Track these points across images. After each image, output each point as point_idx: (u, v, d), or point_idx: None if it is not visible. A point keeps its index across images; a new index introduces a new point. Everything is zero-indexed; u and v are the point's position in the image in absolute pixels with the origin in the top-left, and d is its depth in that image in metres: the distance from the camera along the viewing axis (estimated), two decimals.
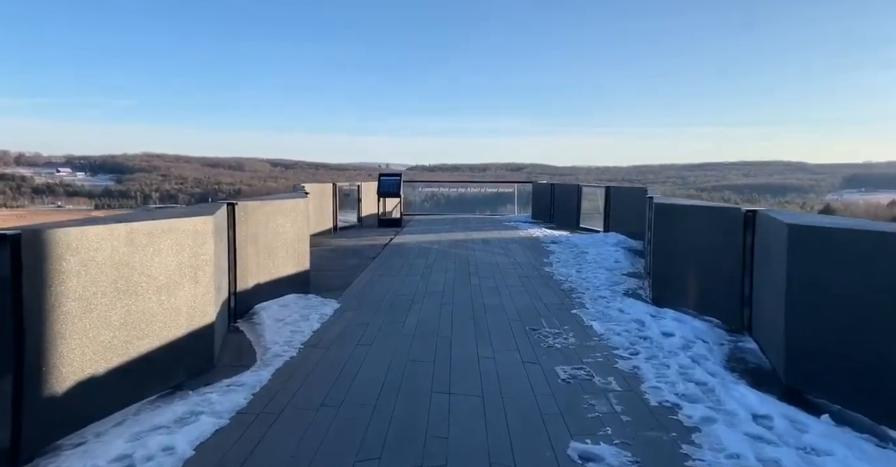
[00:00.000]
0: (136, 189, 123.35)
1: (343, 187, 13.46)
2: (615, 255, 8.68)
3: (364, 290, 6.28)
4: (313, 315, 5.04)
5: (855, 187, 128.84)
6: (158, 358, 3.20)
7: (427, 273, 7.31)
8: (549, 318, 5.09)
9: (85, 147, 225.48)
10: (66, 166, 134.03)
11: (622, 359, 3.94)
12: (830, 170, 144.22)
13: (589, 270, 7.49)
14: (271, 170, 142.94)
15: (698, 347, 4.08)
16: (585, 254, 8.94)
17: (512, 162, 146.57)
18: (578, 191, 13.15)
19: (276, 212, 5.60)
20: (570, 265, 7.97)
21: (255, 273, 5.23)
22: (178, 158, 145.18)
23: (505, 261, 8.40)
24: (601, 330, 4.67)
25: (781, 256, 3.51)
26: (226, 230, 4.71)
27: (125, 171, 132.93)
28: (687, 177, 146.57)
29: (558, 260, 8.47)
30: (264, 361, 3.82)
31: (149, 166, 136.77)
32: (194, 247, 3.52)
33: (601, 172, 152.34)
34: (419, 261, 8.31)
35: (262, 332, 4.47)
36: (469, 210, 18.26)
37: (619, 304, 5.49)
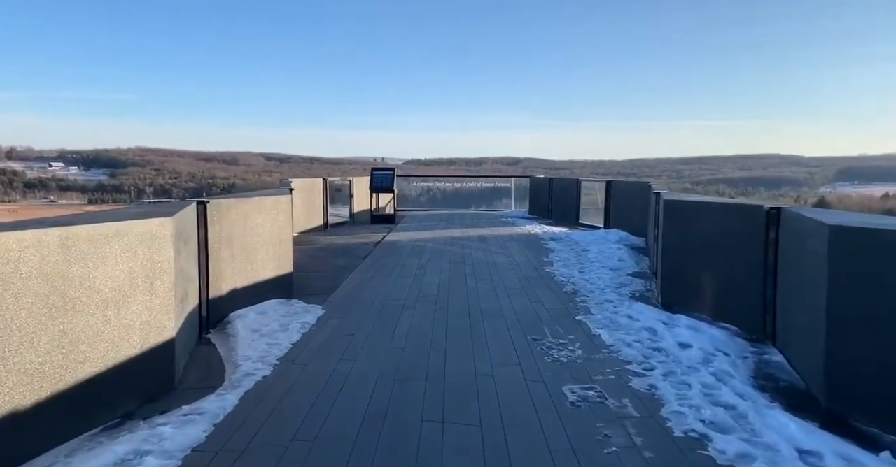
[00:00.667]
0: (130, 183, 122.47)
1: (334, 182, 12.98)
2: (618, 254, 8.25)
3: (352, 294, 5.83)
4: (294, 324, 4.59)
5: (848, 180, 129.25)
6: (104, 383, 2.75)
7: (420, 274, 6.87)
8: (552, 326, 4.66)
9: (78, 141, 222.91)
10: (59, 160, 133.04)
11: (636, 376, 3.51)
12: (824, 163, 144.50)
13: (592, 270, 7.06)
14: (266, 165, 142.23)
15: (720, 361, 3.66)
16: (587, 253, 8.51)
17: (508, 156, 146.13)
18: (578, 185, 12.72)
19: (254, 210, 5.14)
20: (572, 264, 7.54)
21: (230, 278, 4.78)
22: (171, 153, 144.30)
23: (503, 260, 7.97)
24: (610, 340, 4.24)
25: (820, 261, 3.09)
26: (195, 231, 4.25)
27: (118, 166, 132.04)
28: (682, 170, 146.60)
29: (559, 259, 8.04)
30: (233, 382, 3.37)
31: (142, 161, 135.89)
32: (149, 254, 3.06)
33: (596, 166, 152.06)
34: (412, 260, 7.87)
35: (235, 345, 4.02)
36: (465, 205, 17.82)
37: (628, 310, 5.06)
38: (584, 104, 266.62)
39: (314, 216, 11.24)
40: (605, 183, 11.60)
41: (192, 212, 4.11)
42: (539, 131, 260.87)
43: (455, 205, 17.82)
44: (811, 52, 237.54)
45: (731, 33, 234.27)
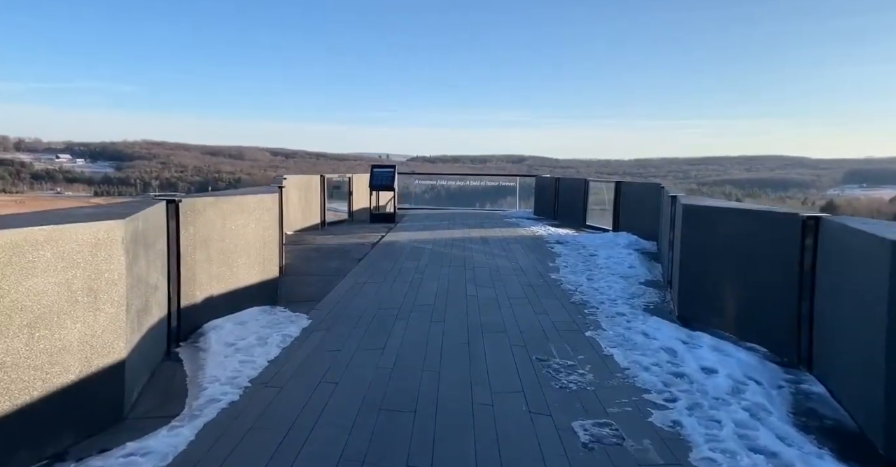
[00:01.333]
0: (136, 176, 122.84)
1: (332, 179, 12.54)
2: (629, 260, 7.78)
3: (342, 302, 5.39)
4: (274, 337, 4.15)
5: (856, 182, 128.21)
6: (28, 417, 2.32)
7: (418, 280, 6.42)
8: (559, 343, 4.21)
9: (85, 133, 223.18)
10: (66, 152, 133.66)
11: (657, 409, 3.06)
12: (832, 165, 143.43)
13: (601, 278, 6.60)
14: (271, 160, 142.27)
15: (752, 392, 3.20)
16: (595, 258, 8.05)
17: (513, 154, 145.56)
18: (585, 186, 12.24)
19: (234, 210, 4.70)
20: (580, 271, 7.07)
21: (205, 284, 4.34)
22: (177, 146, 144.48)
23: (506, 264, 7.51)
24: (625, 362, 3.79)
25: (878, 281, 2.63)
26: (164, 234, 3.81)
27: (125, 159, 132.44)
28: (688, 171, 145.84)
29: (565, 264, 7.58)
30: (193, 410, 2.93)
31: (148, 154, 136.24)
32: (94, 263, 2.62)
33: (602, 166, 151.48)
34: (410, 263, 7.42)
35: (205, 363, 3.58)
36: (468, 203, 17.37)
37: (643, 325, 4.60)
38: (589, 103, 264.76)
39: (311, 214, 10.81)
40: (615, 184, 11.13)
41: (159, 213, 3.67)
42: (544, 130, 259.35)
43: (459, 203, 17.37)
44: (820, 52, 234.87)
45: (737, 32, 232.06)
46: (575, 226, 11.98)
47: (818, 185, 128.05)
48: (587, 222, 12.07)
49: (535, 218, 13.86)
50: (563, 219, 13.02)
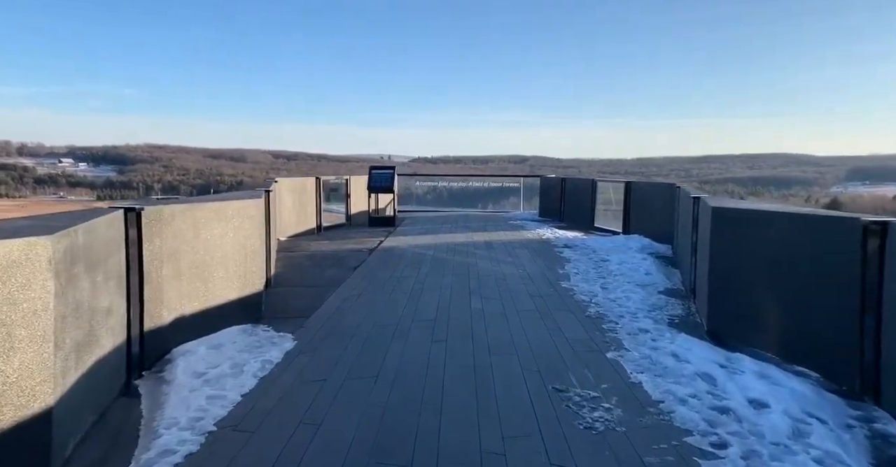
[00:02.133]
0: (139, 180, 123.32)
1: (329, 181, 12.03)
2: (644, 265, 7.24)
3: (333, 318, 4.86)
4: (252, 363, 3.63)
5: (859, 179, 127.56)
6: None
7: (418, 291, 5.89)
8: (578, 368, 3.67)
9: (87, 137, 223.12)
10: (69, 157, 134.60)
11: (705, 459, 2.52)
12: (835, 163, 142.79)
13: (617, 286, 6.06)
14: (273, 162, 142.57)
15: (819, 435, 2.66)
16: (607, 263, 7.51)
17: (515, 154, 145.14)
18: (593, 186, 11.70)
19: (210, 217, 4.18)
20: (593, 278, 6.53)
21: (175, 303, 3.82)
22: (180, 149, 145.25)
23: (513, 272, 6.98)
24: (656, 392, 3.25)
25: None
26: (120, 248, 3.30)
27: (127, 162, 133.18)
28: (690, 169, 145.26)
29: (576, 270, 7.04)
30: (140, 465, 2.41)
31: (150, 157, 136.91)
32: (5, 292, 2.10)
33: (605, 165, 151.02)
34: (410, 272, 6.89)
35: (166, 399, 3.06)
36: (471, 204, 16.86)
37: (671, 344, 4.06)
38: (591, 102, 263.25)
39: (306, 218, 10.29)
40: (624, 184, 10.58)
41: (112, 224, 3.15)
42: (546, 129, 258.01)
43: (461, 204, 16.86)
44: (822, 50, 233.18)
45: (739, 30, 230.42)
46: (583, 228, 11.44)
47: (821, 183, 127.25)
48: (595, 224, 11.53)
49: (540, 220, 13.33)
50: (569, 221, 12.49)
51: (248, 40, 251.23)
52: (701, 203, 5.38)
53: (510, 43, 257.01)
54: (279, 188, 9.37)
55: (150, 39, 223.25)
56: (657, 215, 9.59)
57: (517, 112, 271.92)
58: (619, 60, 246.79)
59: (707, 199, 5.21)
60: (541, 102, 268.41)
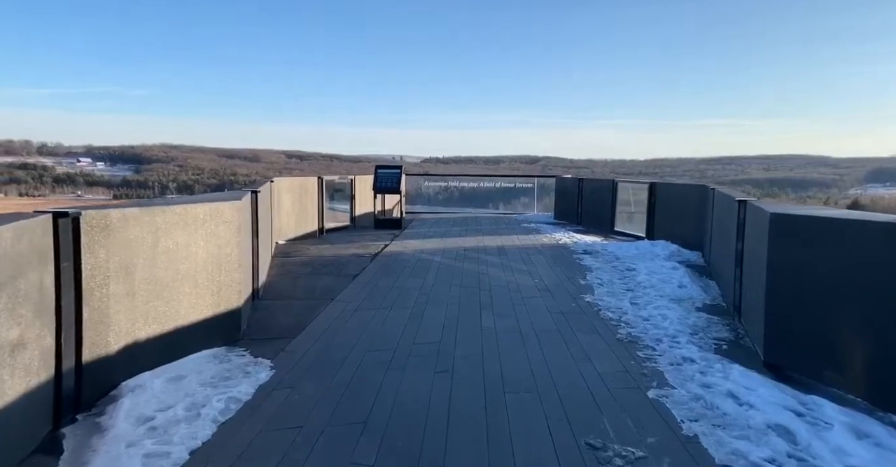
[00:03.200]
0: (154, 179, 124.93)
1: (333, 181, 11.40)
2: (675, 276, 6.50)
3: (323, 340, 4.20)
4: (214, 403, 2.97)
5: (880, 181, 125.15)
6: None
7: (421, 304, 5.21)
8: (615, 414, 2.97)
9: (105, 137, 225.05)
10: (87, 156, 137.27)
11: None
12: (854, 164, 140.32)
13: (648, 301, 5.33)
14: (286, 162, 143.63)
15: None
16: (634, 273, 6.78)
17: (526, 154, 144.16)
18: (613, 188, 10.94)
19: (173, 224, 3.53)
20: (619, 291, 5.81)
21: (125, 326, 3.17)
22: (195, 149, 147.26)
23: (528, 282, 6.27)
24: (720, 452, 2.54)
25: None
26: (49, 262, 2.65)
27: (143, 162, 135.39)
28: (705, 170, 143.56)
29: (600, 281, 6.32)
30: None
31: (166, 157, 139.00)
32: None
33: (617, 165, 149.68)
34: (413, 282, 6.22)
35: (91, 459, 2.40)
36: (483, 203, 16.16)
37: (725, 380, 3.34)
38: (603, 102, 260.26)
39: (307, 221, 9.66)
40: (648, 185, 9.82)
41: (26, 235, 2.50)
42: (558, 130, 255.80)
43: (473, 204, 16.19)
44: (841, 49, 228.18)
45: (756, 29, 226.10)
46: (602, 232, 10.70)
47: (840, 185, 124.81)
48: (616, 228, 10.78)
49: (556, 223, 12.60)
50: (588, 225, 11.75)
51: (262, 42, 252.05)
52: (749, 207, 4.65)
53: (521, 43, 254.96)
54: (277, 189, 8.75)
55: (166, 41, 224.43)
56: (685, 219, 8.84)
57: (529, 112, 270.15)
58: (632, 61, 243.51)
59: (759, 204, 4.47)
60: (552, 103, 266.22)
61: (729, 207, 5.59)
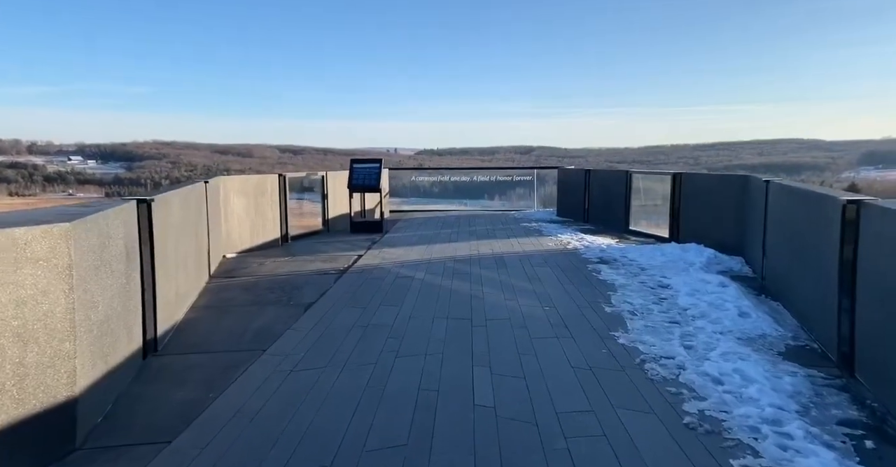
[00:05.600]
0: (146, 177, 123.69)
1: (298, 179, 9.80)
2: (727, 296, 4.97)
3: (222, 441, 2.63)
4: None
5: (872, 164, 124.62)
6: None
7: (388, 358, 3.66)
8: None
9: (96, 135, 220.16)
10: (78, 154, 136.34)
11: None
12: (847, 148, 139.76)
13: (708, 344, 3.79)
14: (280, 157, 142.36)
15: None
16: (671, 292, 5.25)
17: (521, 145, 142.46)
18: (627, 180, 9.38)
19: None
20: (662, 325, 4.27)
21: None
22: (187, 145, 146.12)
23: (537, 311, 4.74)
24: None
25: None
26: None
27: (135, 159, 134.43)
28: (699, 157, 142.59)
29: (631, 307, 4.79)
30: None
31: (158, 154, 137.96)
32: None
33: (612, 154, 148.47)
34: (385, 314, 4.66)
35: None
36: (478, 195, 14.60)
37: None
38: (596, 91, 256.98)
39: (265, 227, 8.07)
40: (672, 176, 8.27)
41: None
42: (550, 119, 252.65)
43: (467, 196, 14.65)
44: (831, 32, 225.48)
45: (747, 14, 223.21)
46: (615, 232, 9.16)
47: (833, 168, 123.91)
48: (631, 227, 9.24)
49: (559, 221, 11.04)
50: (597, 223, 10.19)
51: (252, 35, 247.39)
52: (871, 211, 3.11)
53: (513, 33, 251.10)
54: (224, 190, 7.16)
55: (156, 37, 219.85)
56: (721, 218, 7.31)
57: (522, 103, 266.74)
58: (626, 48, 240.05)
59: (887, 205, 2.92)
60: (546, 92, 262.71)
61: (814, 208, 4.05)
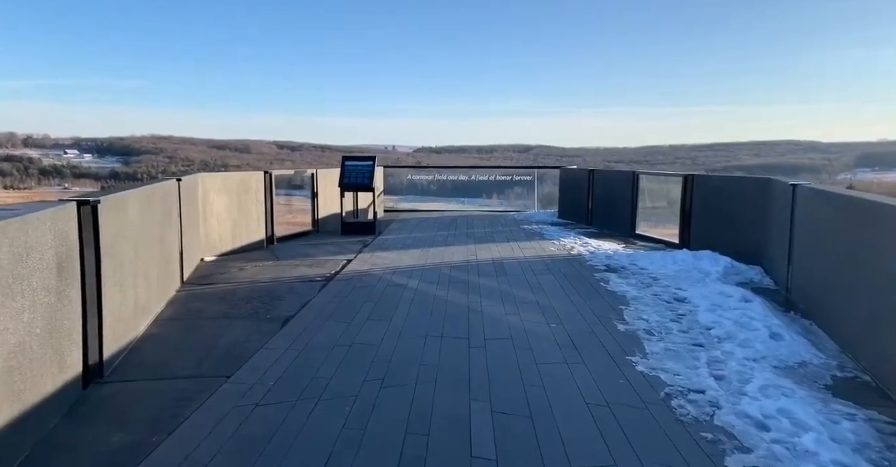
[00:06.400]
0: (143, 171, 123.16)
1: (286, 177, 9.27)
2: (752, 313, 4.47)
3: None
4: None
5: (869, 166, 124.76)
6: None
7: (372, 389, 3.13)
8: None
9: (92, 129, 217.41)
10: (74, 148, 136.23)
11: None
12: (844, 149, 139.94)
13: (742, 375, 3.29)
14: (278, 153, 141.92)
15: None
16: (689, 307, 4.76)
17: (518, 143, 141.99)
18: (634, 181, 8.87)
19: None
20: (684, 349, 3.77)
21: None
22: (184, 140, 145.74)
23: (541, 328, 4.23)
24: None
25: None
26: None
27: (132, 153, 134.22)
28: (697, 157, 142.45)
29: (646, 324, 4.29)
30: None
31: (155, 148, 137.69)
32: None
33: (610, 153, 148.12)
34: (372, 331, 4.14)
35: None
36: (476, 193, 14.11)
37: None
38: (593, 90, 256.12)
39: (250, 228, 7.53)
40: (683, 178, 7.76)
41: None
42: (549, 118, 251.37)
43: (465, 194, 14.18)
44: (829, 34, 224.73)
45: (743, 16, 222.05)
46: (620, 236, 8.66)
47: (829, 170, 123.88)
48: (637, 230, 8.75)
49: (561, 223, 10.54)
50: (601, 226, 9.69)
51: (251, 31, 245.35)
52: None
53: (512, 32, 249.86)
54: (203, 189, 6.62)
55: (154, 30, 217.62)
56: (736, 223, 6.82)
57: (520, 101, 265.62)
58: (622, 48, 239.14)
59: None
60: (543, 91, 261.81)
61: (863, 216, 3.55)
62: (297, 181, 9.49)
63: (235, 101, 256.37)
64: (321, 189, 9.45)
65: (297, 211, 9.59)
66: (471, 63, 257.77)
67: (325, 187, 9.53)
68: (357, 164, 9.41)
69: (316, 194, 9.34)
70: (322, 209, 9.48)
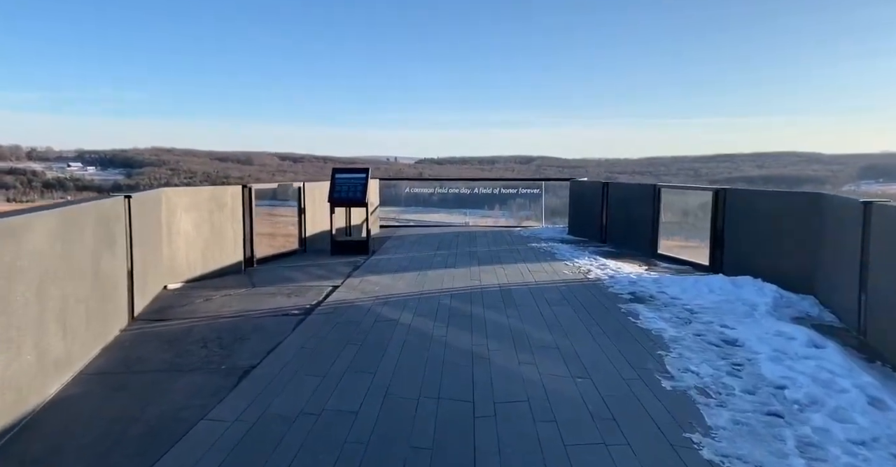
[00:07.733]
0: (146, 183, 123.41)
1: (269, 191, 8.40)
2: (827, 363, 3.59)
3: None
4: None
5: (872, 178, 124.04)
6: None
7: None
8: None
9: (96, 141, 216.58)
10: (77, 160, 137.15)
11: None
12: (846, 161, 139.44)
13: (854, 465, 2.38)
14: (280, 164, 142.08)
15: None
16: (741, 351, 3.86)
17: (520, 154, 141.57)
18: (655, 196, 7.99)
19: None
20: (756, 421, 2.86)
21: None
22: (187, 152, 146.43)
23: (566, 387, 3.32)
24: None
25: None
26: None
27: (135, 166, 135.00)
28: (699, 168, 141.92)
29: (699, 382, 3.38)
30: None
31: (158, 160, 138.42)
32: None
33: (612, 165, 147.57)
34: (353, 386, 3.24)
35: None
36: (478, 204, 13.27)
37: None
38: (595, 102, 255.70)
39: (224, 250, 6.63)
40: (714, 192, 6.88)
41: None
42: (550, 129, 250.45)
43: (467, 205, 13.36)
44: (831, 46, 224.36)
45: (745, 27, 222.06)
46: (641, 257, 7.75)
47: (833, 182, 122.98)
48: (659, 251, 7.84)
49: (572, 240, 9.64)
50: (618, 245, 8.78)
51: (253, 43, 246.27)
52: None
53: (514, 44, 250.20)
54: (169, 204, 5.76)
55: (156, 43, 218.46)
56: (779, 245, 5.92)
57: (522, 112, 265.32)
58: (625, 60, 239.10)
59: None
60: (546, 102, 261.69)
61: None
62: (282, 195, 8.63)
63: (238, 114, 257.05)
64: (309, 204, 8.59)
65: (282, 227, 8.73)
66: (472, 75, 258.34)
67: (313, 202, 8.67)
68: (348, 177, 8.53)
69: (303, 210, 8.47)
70: (310, 226, 8.60)
